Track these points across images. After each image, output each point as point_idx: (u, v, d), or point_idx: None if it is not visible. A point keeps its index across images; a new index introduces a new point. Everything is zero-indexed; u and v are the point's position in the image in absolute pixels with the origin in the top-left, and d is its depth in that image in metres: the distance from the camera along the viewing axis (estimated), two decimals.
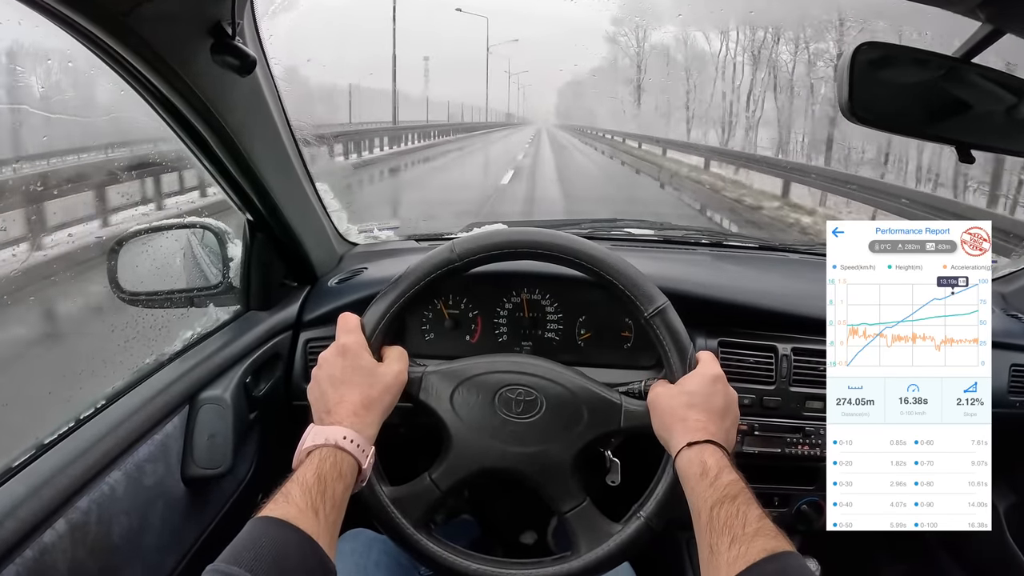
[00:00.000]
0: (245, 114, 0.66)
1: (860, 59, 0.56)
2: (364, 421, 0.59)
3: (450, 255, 0.69)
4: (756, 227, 6.15)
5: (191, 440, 0.72)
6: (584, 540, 0.66)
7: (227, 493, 0.80)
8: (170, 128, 0.64)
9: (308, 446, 0.56)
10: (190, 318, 0.84)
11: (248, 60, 0.53)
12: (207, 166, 0.71)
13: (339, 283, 0.93)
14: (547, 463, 0.67)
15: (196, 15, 0.52)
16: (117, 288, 0.82)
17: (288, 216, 0.82)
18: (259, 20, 0.60)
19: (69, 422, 0.62)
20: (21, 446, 0.58)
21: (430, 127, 15.69)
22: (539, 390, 0.68)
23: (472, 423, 0.67)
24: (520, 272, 0.85)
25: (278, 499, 0.50)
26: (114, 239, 0.83)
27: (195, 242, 0.95)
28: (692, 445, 0.58)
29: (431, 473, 0.67)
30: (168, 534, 0.68)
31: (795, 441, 0.85)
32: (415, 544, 0.65)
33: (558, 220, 1.47)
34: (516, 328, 0.88)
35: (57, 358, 0.90)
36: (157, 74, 0.53)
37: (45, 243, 1.24)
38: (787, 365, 0.86)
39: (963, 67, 0.57)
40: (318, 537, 0.48)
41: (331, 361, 0.63)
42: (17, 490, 0.53)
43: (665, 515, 0.65)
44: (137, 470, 0.64)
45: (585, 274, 0.70)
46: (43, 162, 1.52)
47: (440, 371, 0.69)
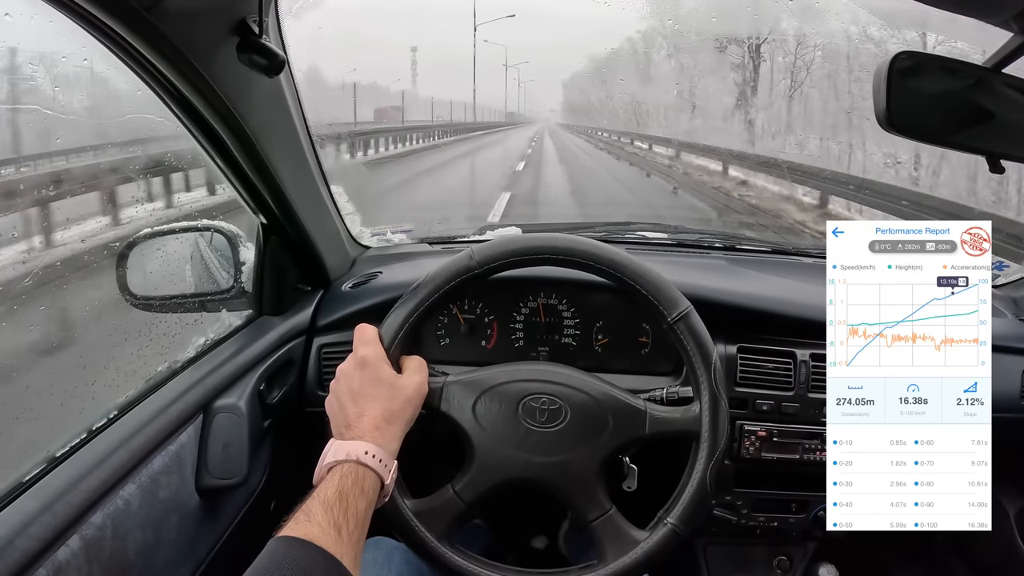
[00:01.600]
0: (266, 115, 0.64)
1: (897, 68, 0.55)
2: (386, 435, 0.58)
3: (469, 262, 0.68)
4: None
5: (205, 450, 0.70)
6: (611, 548, 0.65)
7: (240, 503, 0.78)
8: (186, 128, 0.63)
9: (329, 462, 0.55)
10: (203, 323, 0.83)
11: (277, 60, 0.51)
12: (222, 167, 0.69)
13: (353, 287, 0.92)
14: (572, 472, 0.66)
15: (221, 11, 0.50)
16: (127, 292, 0.80)
17: (303, 219, 0.80)
18: (282, 19, 0.58)
19: (81, 433, 0.60)
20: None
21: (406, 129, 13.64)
22: (563, 398, 0.66)
23: (496, 433, 0.66)
24: (536, 277, 0.84)
25: (299, 517, 0.49)
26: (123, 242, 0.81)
27: (204, 245, 0.93)
28: None
29: (454, 485, 0.66)
30: (182, 547, 0.66)
31: (813, 447, 0.85)
32: (440, 557, 0.64)
33: (571, 223, 1.46)
34: (532, 333, 0.87)
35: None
36: (178, 72, 0.52)
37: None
38: (806, 371, 0.85)
39: (995, 77, 0.56)
40: (342, 556, 0.47)
41: (350, 374, 0.61)
42: (29, 506, 0.51)
43: (693, 521, 0.64)
44: (152, 482, 0.62)
45: (606, 279, 0.69)
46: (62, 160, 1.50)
47: (461, 381, 0.67)
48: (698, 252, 1.13)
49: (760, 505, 0.89)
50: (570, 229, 1.17)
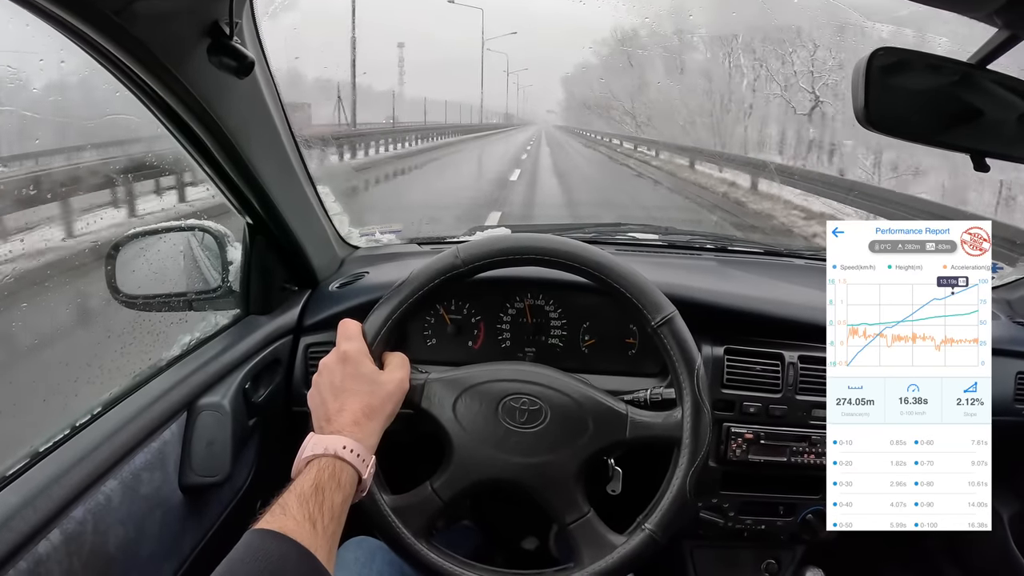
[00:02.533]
0: (243, 116, 0.64)
1: (876, 65, 0.55)
2: (365, 430, 0.58)
3: (454, 261, 0.68)
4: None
5: (189, 448, 0.71)
6: (587, 552, 0.65)
7: (225, 501, 0.79)
8: (167, 129, 0.63)
9: (307, 455, 0.55)
10: (189, 322, 0.83)
11: (246, 61, 0.51)
12: (205, 168, 0.70)
13: (340, 287, 0.92)
14: (551, 474, 0.66)
15: (192, 14, 0.51)
16: (115, 291, 0.81)
17: (288, 219, 0.81)
18: (259, 20, 0.59)
19: (64, 430, 0.61)
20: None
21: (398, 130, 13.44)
22: (543, 399, 0.66)
23: (475, 433, 0.66)
24: (523, 278, 0.84)
25: (275, 511, 0.49)
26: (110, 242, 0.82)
27: (195, 244, 0.94)
28: None
29: (432, 483, 0.66)
30: (165, 544, 0.67)
31: (801, 450, 0.84)
32: (415, 554, 0.64)
33: (562, 224, 1.46)
34: (519, 334, 0.87)
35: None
36: (152, 75, 0.52)
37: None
38: (794, 373, 0.85)
39: (978, 73, 0.56)
40: (315, 550, 0.47)
41: (332, 368, 0.62)
42: (11, 500, 0.51)
43: (671, 528, 0.64)
44: (134, 479, 0.62)
45: (591, 281, 0.69)
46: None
47: (443, 379, 0.68)
48: (689, 253, 1.12)
49: (747, 508, 0.89)
50: (561, 230, 1.17)
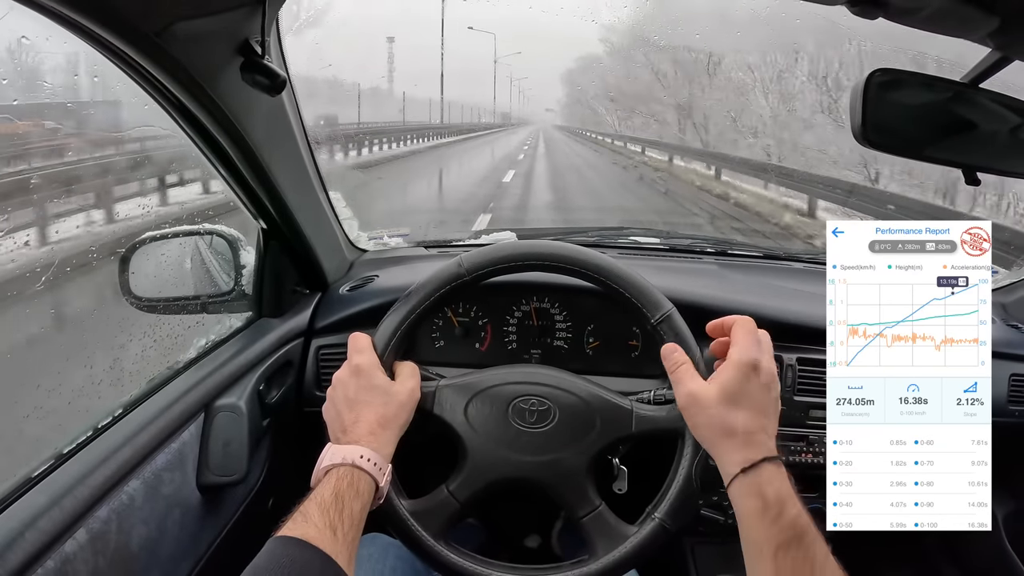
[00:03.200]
0: (267, 129, 0.66)
1: (873, 84, 0.57)
2: (380, 440, 0.60)
3: (458, 270, 0.70)
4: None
5: (206, 448, 0.72)
6: (601, 543, 0.67)
7: (240, 500, 0.80)
8: (191, 140, 0.65)
9: (326, 465, 0.56)
10: (204, 325, 0.85)
11: (278, 80, 0.53)
12: (225, 176, 0.71)
13: (350, 291, 0.94)
14: (562, 470, 0.67)
15: (226, 34, 0.52)
16: (129, 295, 0.82)
17: (302, 224, 0.82)
18: (283, 36, 0.60)
19: (87, 431, 0.62)
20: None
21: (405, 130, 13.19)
22: (551, 400, 0.68)
23: (487, 435, 0.68)
24: (529, 281, 0.86)
25: (297, 518, 0.51)
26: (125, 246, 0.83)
27: (205, 248, 0.95)
28: (747, 471, 0.54)
29: (448, 485, 0.68)
30: (184, 543, 0.68)
31: (799, 449, 0.87)
32: (437, 555, 0.66)
33: (565, 228, 1.48)
34: (525, 336, 0.89)
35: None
36: (184, 91, 0.54)
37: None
38: (792, 375, 0.87)
39: (972, 92, 0.58)
40: (337, 556, 0.49)
41: (345, 382, 0.63)
42: (38, 500, 0.53)
43: (680, 517, 0.66)
44: (155, 479, 0.64)
45: (593, 284, 0.71)
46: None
47: (453, 384, 0.69)
48: (690, 257, 1.14)
49: None
50: (564, 234, 1.19)
